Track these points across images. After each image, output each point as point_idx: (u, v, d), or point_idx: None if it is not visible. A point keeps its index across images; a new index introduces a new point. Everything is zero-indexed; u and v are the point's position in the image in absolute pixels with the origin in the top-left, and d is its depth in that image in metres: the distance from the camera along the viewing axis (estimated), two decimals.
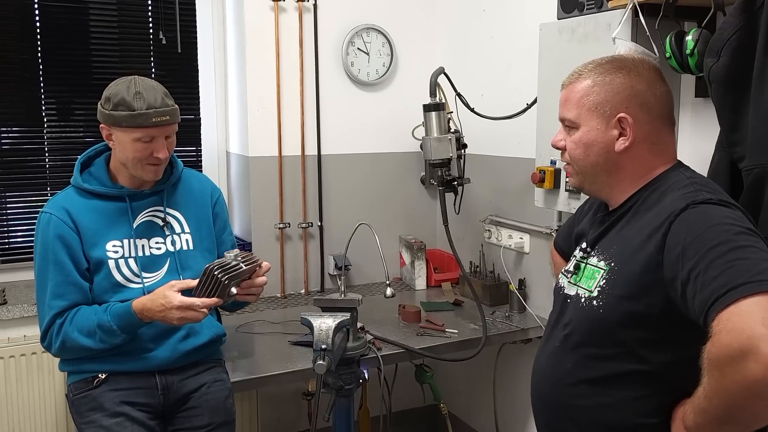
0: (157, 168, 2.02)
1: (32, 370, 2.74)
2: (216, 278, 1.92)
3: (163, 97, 1.96)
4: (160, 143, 1.98)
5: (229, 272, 1.94)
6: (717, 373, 1.16)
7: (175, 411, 2.08)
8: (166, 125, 1.97)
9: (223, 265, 1.94)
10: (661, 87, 1.47)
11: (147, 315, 1.93)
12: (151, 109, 1.92)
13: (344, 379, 2.19)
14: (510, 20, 2.92)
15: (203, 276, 1.93)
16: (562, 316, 1.56)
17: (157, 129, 1.95)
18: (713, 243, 1.23)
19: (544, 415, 1.60)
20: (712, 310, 1.17)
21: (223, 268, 1.93)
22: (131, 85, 1.94)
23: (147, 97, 1.92)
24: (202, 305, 1.91)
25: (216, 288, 1.93)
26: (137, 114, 1.90)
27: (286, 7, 3.09)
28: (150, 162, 1.99)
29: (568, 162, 1.56)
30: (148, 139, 1.95)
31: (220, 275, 1.92)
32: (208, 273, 1.92)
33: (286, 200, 3.19)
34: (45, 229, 1.97)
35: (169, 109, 1.96)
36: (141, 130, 1.93)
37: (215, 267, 1.93)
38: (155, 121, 1.93)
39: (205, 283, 1.93)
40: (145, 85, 1.95)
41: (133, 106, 1.90)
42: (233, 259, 1.96)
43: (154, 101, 1.93)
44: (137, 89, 1.93)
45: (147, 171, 2.01)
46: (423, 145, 2.81)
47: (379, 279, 3.38)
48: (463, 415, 3.46)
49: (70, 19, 3.04)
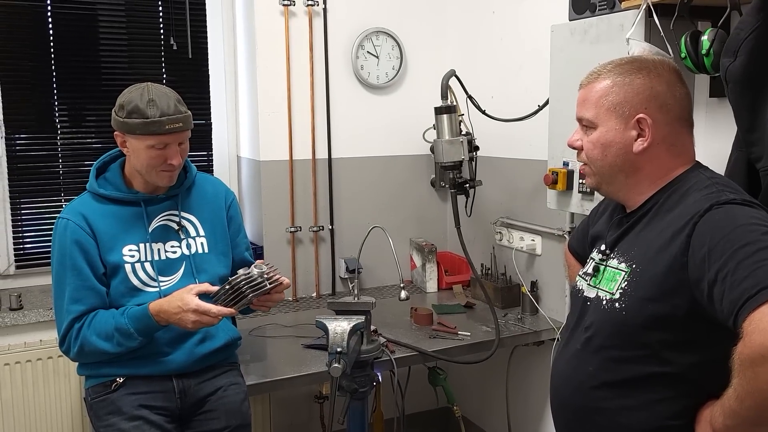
0: (171, 174, 2.03)
1: (48, 375, 2.75)
2: (241, 292, 1.94)
3: (176, 104, 1.97)
4: (174, 150, 1.99)
5: (255, 288, 1.96)
6: (750, 374, 1.15)
7: (192, 414, 2.09)
8: (180, 132, 1.98)
9: (250, 279, 1.95)
10: (680, 88, 1.46)
11: (163, 317, 1.94)
12: (165, 117, 1.92)
13: (358, 382, 2.20)
14: (520, 22, 2.92)
15: (228, 286, 1.95)
16: (582, 319, 1.55)
17: (170, 136, 1.96)
18: (740, 243, 1.22)
19: (564, 418, 1.59)
20: (743, 311, 1.16)
21: (250, 283, 1.95)
22: (144, 93, 1.94)
23: (160, 105, 1.92)
24: (218, 313, 1.93)
25: (237, 300, 1.95)
26: (150, 122, 1.91)
27: (296, 11, 3.10)
28: (164, 168, 2.00)
29: (585, 162, 1.55)
30: (162, 146, 1.96)
31: (246, 290, 1.94)
32: (234, 285, 1.94)
33: (297, 204, 3.19)
34: (62, 235, 1.99)
35: (182, 116, 1.97)
36: (154, 137, 1.94)
37: (243, 281, 1.94)
38: (168, 129, 1.93)
39: (228, 293, 1.95)
40: (158, 92, 1.96)
41: (146, 113, 1.91)
42: (259, 276, 1.96)
43: (167, 108, 1.93)
44: (150, 96, 1.93)
45: (161, 177, 2.02)
46: (434, 148, 2.81)
47: (390, 282, 3.38)
48: (475, 417, 3.45)
49: (82, 27, 3.06)
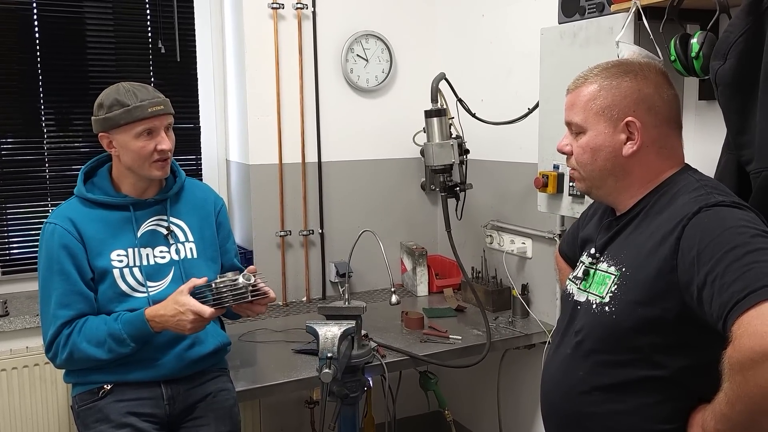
0: (164, 164, 2.03)
1: (35, 382, 2.72)
2: (222, 297, 1.93)
3: (154, 91, 2.01)
4: (161, 135, 2.00)
5: (236, 297, 1.94)
6: (739, 378, 1.14)
7: (181, 421, 2.07)
8: (163, 114, 2.00)
9: (234, 288, 1.94)
10: (668, 90, 1.46)
11: (159, 322, 1.92)
12: (145, 101, 1.96)
13: (349, 387, 2.19)
14: (509, 25, 2.92)
15: (214, 287, 1.94)
16: (572, 323, 1.55)
17: (154, 119, 1.97)
18: (729, 246, 1.22)
19: (555, 423, 1.59)
20: (732, 314, 1.16)
21: (233, 291, 1.94)
22: (120, 87, 1.98)
23: (138, 93, 1.97)
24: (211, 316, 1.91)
25: (216, 304, 1.94)
26: (133, 107, 1.94)
27: (285, 14, 3.09)
28: (155, 158, 2.00)
29: (574, 167, 1.55)
30: (149, 132, 1.97)
31: (226, 296, 1.93)
32: (217, 289, 1.93)
33: (286, 208, 3.18)
34: (50, 240, 1.96)
35: (162, 99, 2.01)
36: (140, 123, 1.95)
37: (226, 287, 1.93)
38: (152, 111, 1.96)
39: (211, 293, 1.94)
40: (133, 84, 2.00)
41: (126, 102, 1.94)
42: (244, 287, 1.94)
43: (146, 94, 1.98)
44: (126, 88, 1.98)
45: (154, 168, 2.02)
46: (425, 151, 2.80)
47: (381, 286, 3.37)
48: (467, 421, 3.44)
49: (68, 30, 3.03)
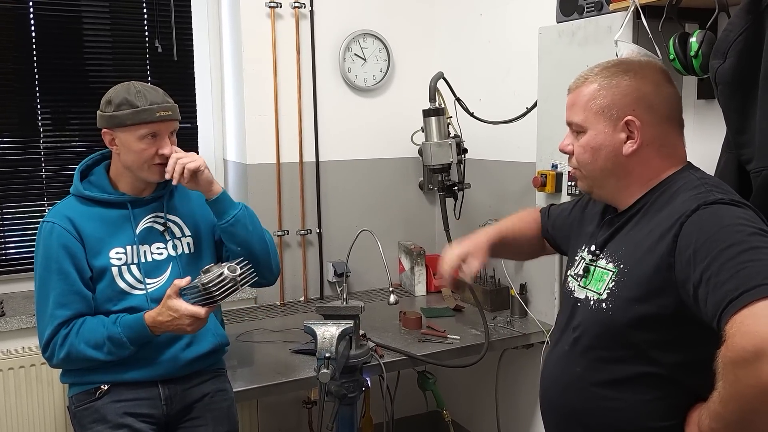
0: (163, 168, 2.01)
1: (31, 382, 2.70)
2: (211, 294, 1.87)
3: (163, 95, 2.00)
4: (165, 140, 1.99)
5: (224, 291, 1.88)
6: (732, 377, 1.14)
7: (178, 421, 2.06)
8: (170, 120, 1.99)
9: (221, 283, 1.87)
10: (668, 88, 1.45)
11: (158, 327, 1.90)
12: (155, 105, 1.95)
13: (347, 388, 2.18)
14: (507, 24, 2.92)
15: (201, 286, 1.87)
16: (571, 320, 1.55)
17: (161, 124, 1.96)
18: (725, 244, 1.22)
19: (553, 419, 1.59)
20: (726, 313, 1.16)
21: (220, 287, 1.87)
22: (131, 87, 1.97)
23: (148, 95, 1.96)
24: (206, 314, 1.90)
25: (206, 302, 1.88)
26: (141, 110, 1.93)
27: (282, 13, 3.08)
28: (156, 162, 1.99)
29: (576, 167, 1.54)
30: (153, 135, 1.96)
31: (216, 293, 1.87)
32: (205, 288, 1.86)
33: (284, 207, 3.17)
34: (48, 239, 1.95)
35: (170, 105, 2.00)
36: (146, 125, 1.94)
37: (213, 284, 1.86)
38: (159, 116, 1.95)
39: (199, 292, 1.87)
40: (144, 86, 1.99)
41: (135, 103, 1.93)
42: (231, 280, 1.88)
43: (156, 98, 1.96)
44: (137, 89, 1.96)
45: (153, 172, 2.01)
46: (423, 151, 2.80)
47: (378, 285, 3.36)
48: (465, 421, 3.44)
49: (65, 28, 3.02)
